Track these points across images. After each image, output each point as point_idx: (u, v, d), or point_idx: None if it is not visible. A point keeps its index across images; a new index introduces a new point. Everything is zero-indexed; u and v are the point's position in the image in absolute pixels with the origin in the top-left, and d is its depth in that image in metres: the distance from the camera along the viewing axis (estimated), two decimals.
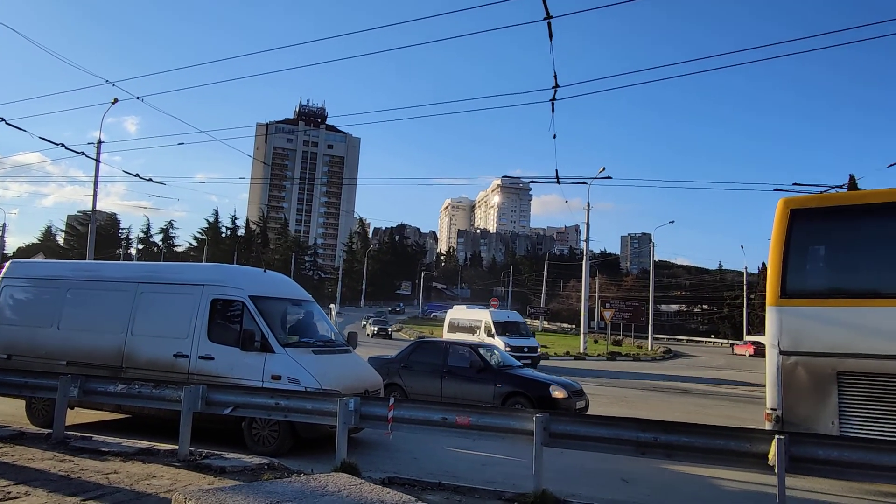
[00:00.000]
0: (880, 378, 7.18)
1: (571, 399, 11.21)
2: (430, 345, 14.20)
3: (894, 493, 6.89)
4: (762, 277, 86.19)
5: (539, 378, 12.12)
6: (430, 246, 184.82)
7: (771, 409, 7.81)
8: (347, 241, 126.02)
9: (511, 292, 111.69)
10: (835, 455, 5.04)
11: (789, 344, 7.81)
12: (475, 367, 12.02)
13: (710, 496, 6.74)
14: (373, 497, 3.28)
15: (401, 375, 12.62)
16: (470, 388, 11.76)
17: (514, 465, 7.78)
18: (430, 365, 12.60)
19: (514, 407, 10.50)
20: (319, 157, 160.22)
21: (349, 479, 3.70)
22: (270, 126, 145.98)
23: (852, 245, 8.40)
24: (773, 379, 7.82)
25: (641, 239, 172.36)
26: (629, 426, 5.72)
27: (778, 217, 8.33)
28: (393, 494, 3.44)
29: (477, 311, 32.07)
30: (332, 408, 6.71)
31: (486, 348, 13.58)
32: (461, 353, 12.64)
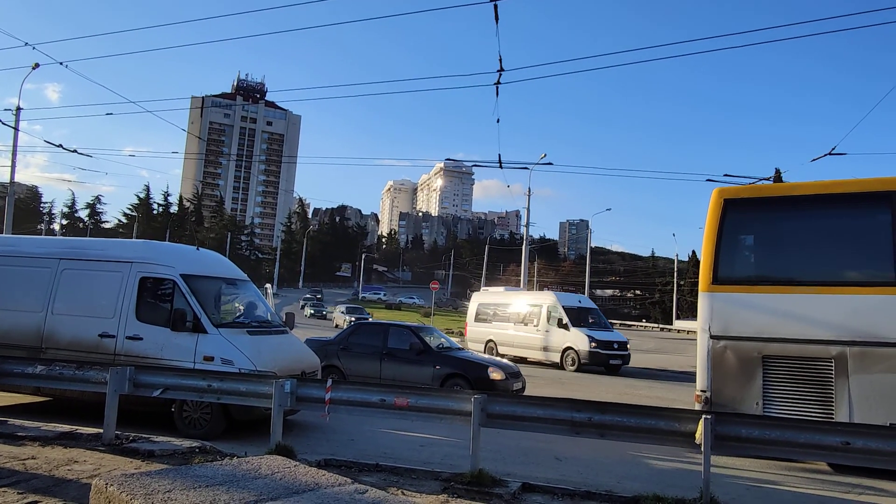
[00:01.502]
0: (800, 361, 7.56)
1: (509, 380, 11.39)
2: (369, 326, 14.10)
3: (810, 468, 7.30)
4: (692, 265, 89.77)
5: (477, 360, 12.24)
6: (371, 228, 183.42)
7: (700, 391, 8.07)
8: (286, 221, 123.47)
9: (452, 275, 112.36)
10: (756, 433, 5.29)
11: (719, 328, 8.08)
12: (415, 349, 12.01)
13: (641, 474, 6.96)
14: (307, 479, 3.21)
15: (339, 357, 12.51)
16: (409, 370, 11.77)
17: (453, 445, 7.86)
18: (369, 347, 12.52)
19: (453, 388, 10.58)
20: (258, 134, 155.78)
21: (283, 461, 3.61)
22: (206, 100, 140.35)
23: (779, 234, 8.72)
24: (703, 362, 8.08)
25: (579, 225, 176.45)
26: (564, 406, 5.84)
27: (712, 206, 8.55)
28: (328, 476, 3.38)
29: (530, 295, 25.52)
30: (268, 390, 6.57)
31: (426, 330, 13.62)
32: (401, 335, 12.61)
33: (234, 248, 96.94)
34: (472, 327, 25.21)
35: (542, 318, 21.92)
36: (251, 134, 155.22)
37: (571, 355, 20.31)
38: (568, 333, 20.69)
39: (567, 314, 21.09)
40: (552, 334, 21.28)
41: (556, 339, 20.96)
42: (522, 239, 45.69)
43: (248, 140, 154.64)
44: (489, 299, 25.84)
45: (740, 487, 6.40)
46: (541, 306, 22.26)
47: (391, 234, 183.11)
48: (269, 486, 2.93)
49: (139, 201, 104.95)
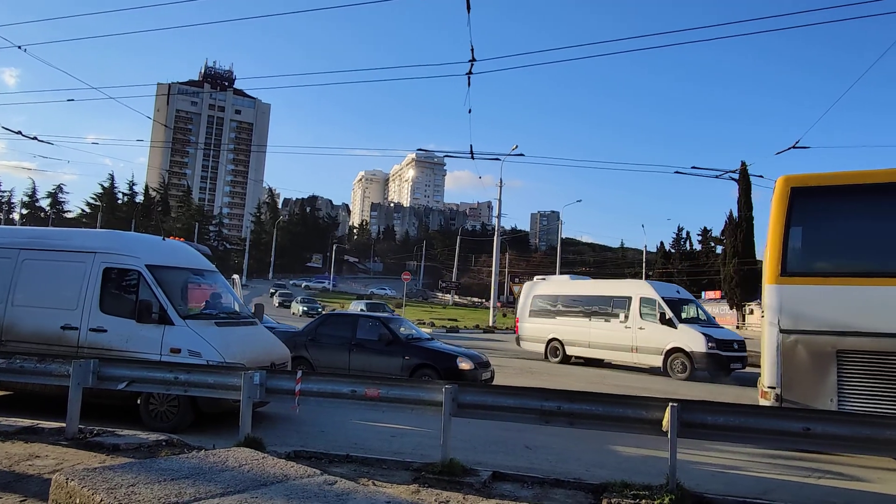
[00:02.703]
0: (879, 356, 7.31)
1: (477, 370, 11.44)
2: (338, 318, 13.98)
3: (773, 455, 7.48)
4: (660, 255, 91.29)
5: (446, 350, 12.24)
6: (342, 218, 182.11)
7: (769, 387, 7.83)
8: (255, 211, 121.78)
9: (424, 266, 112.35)
10: (721, 420, 5.40)
11: (789, 322, 7.80)
12: (384, 339, 11.97)
13: (610, 462, 7.07)
14: (275, 471, 3.18)
15: (308, 349, 12.42)
16: (378, 360, 11.73)
17: (423, 435, 7.87)
18: (338, 338, 12.45)
19: (423, 379, 10.59)
20: (226, 123, 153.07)
21: (251, 453, 3.56)
22: (173, 87, 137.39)
23: (853, 224, 8.36)
24: (773, 357, 7.82)
25: (550, 216, 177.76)
26: (534, 395, 5.89)
27: (777, 195, 8.23)
28: (297, 468, 3.35)
29: (613, 284, 21.89)
30: (236, 382, 6.48)
31: (396, 321, 13.44)
32: (370, 325, 12.55)
33: (202, 238, 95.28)
34: (528, 324, 21.69)
35: (632, 313, 18.24)
36: (219, 122, 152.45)
37: (680, 359, 16.79)
38: (674, 332, 17.08)
39: (670, 307, 17.47)
40: (649, 332, 17.64)
41: (656, 339, 17.39)
42: (494, 230, 45.88)
43: (217, 129, 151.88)
44: (550, 290, 22.00)
45: (706, 474, 6.55)
46: (629, 298, 18.54)
47: (363, 224, 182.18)
48: (236, 479, 2.89)
49: (103, 190, 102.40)
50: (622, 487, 5.24)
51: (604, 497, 5.17)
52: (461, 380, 10.68)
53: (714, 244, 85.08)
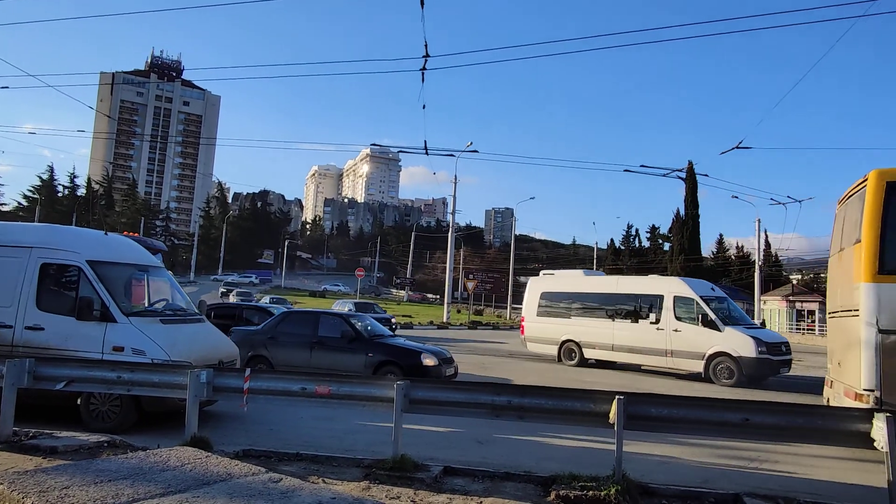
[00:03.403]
0: None
1: (441, 366, 11.36)
2: (298, 315, 13.67)
3: (715, 445, 7.74)
4: (610, 252, 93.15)
5: (410, 347, 12.10)
6: (295, 214, 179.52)
7: (866, 390, 7.41)
8: (204, 205, 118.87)
9: (378, 263, 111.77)
10: (665, 412, 5.56)
11: (889, 322, 7.50)
12: (346, 337, 11.79)
13: (560, 455, 7.18)
14: (219, 470, 3.11)
15: (267, 347, 12.15)
16: (341, 358, 11.54)
17: (376, 432, 7.84)
18: (298, 336, 12.19)
19: (387, 376, 10.48)
20: (174, 115, 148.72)
21: (195, 452, 3.48)
22: (117, 76, 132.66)
23: None
24: (871, 359, 7.47)
25: (504, 213, 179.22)
26: (485, 390, 5.93)
27: (871, 190, 7.85)
28: (241, 466, 3.29)
29: (641, 281, 19.09)
30: (182, 380, 6.32)
31: (359, 318, 13.17)
32: (332, 322, 12.34)
33: (148, 233, 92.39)
34: (535, 324, 19.91)
35: (665, 313, 16.55)
36: (166, 114, 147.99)
37: (726, 364, 15.30)
38: (718, 334, 15.53)
39: (709, 307, 15.96)
40: (687, 335, 16.04)
41: (696, 342, 15.86)
42: (449, 226, 45.98)
43: (164, 120, 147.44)
44: (561, 286, 20.14)
45: (652, 464, 6.73)
46: (661, 297, 16.81)
47: (316, 220, 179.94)
48: (178, 479, 2.81)
49: (42, 182, 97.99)
50: (570, 479, 5.34)
51: (552, 489, 5.25)
52: (425, 376, 10.68)
53: (662, 241, 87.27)
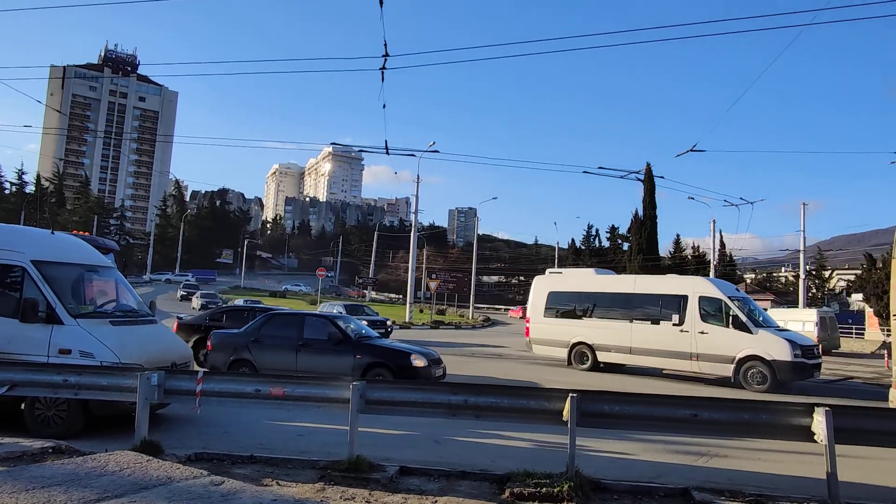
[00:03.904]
0: None
1: (431, 367, 11.17)
2: (283, 317, 13.29)
3: (666, 440, 7.91)
4: (571, 252, 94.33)
5: (400, 348, 11.89)
6: (255, 213, 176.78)
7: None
8: (161, 204, 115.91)
9: (340, 262, 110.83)
10: (617, 409, 5.68)
11: None
12: (333, 339, 11.50)
13: (516, 453, 7.24)
14: (159, 474, 3.05)
15: (250, 350, 11.78)
16: (328, 360, 11.27)
17: (334, 433, 7.77)
18: (283, 338, 11.85)
19: (376, 378, 10.29)
20: (129, 110, 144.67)
21: (136, 457, 3.40)
22: (69, 70, 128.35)
23: None
24: None
25: (468, 213, 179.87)
26: (441, 390, 5.96)
27: None
28: (183, 469, 3.23)
29: (662, 280, 18.17)
30: (132, 383, 6.18)
31: (344, 319, 12.86)
32: (318, 324, 12.05)
33: (101, 232, 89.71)
34: (542, 325, 18.88)
35: (690, 314, 15.69)
36: (121, 109, 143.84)
37: (758, 368, 14.58)
38: (749, 337, 14.81)
39: (738, 308, 15.26)
40: (715, 337, 15.23)
41: (725, 345, 15.06)
42: (412, 226, 45.91)
43: (118, 116, 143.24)
44: (571, 286, 19.18)
45: (605, 461, 6.86)
46: (685, 297, 15.93)
47: (276, 219, 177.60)
48: (115, 484, 2.74)
49: None
50: (525, 476, 5.40)
51: (507, 487, 5.30)
52: (415, 377, 10.51)
53: (621, 241, 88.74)
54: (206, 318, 16.40)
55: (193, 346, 14.79)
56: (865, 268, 46.20)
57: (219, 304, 42.24)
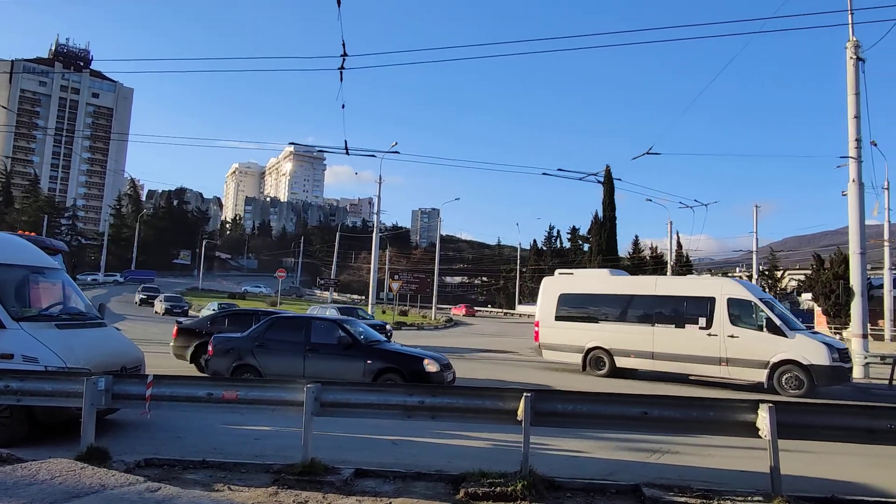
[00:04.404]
0: None
1: (443, 372, 11.01)
2: (288, 321, 12.93)
3: (619, 438, 8.06)
4: (533, 252, 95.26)
5: (411, 353, 11.68)
6: (213, 212, 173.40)
7: None
8: (115, 203, 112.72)
9: (301, 263, 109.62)
10: (570, 408, 5.76)
11: None
12: (343, 343, 11.23)
13: (472, 453, 7.28)
14: (92, 481, 2.97)
15: (255, 355, 11.42)
16: (337, 365, 10.97)
17: (292, 436, 7.65)
18: (290, 343, 11.51)
19: (386, 383, 10.05)
20: (81, 107, 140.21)
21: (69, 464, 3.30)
22: (17, 64, 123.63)
23: None
24: None
25: (431, 214, 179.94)
26: (397, 391, 5.96)
27: None
28: (119, 477, 3.15)
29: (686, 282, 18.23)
30: (78, 388, 6.00)
31: (352, 323, 12.50)
32: (326, 328, 11.78)
33: (52, 232, 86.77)
34: (553, 329, 17.99)
35: (718, 317, 15.04)
36: (73, 106, 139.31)
37: (794, 373, 14.04)
38: (784, 341, 14.25)
39: (772, 311, 14.71)
40: (746, 341, 14.63)
41: (757, 349, 14.49)
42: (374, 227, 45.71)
43: (70, 113, 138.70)
44: (585, 287, 18.43)
45: (559, 459, 6.95)
46: (712, 299, 15.29)
47: (236, 219, 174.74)
48: (44, 492, 2.65)
49: None
50: (479, 476, 5.43)
51: (462, 487, 5.33)
52: (428, 382, 10.27)
53: (582, 242, 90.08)
54: (208, 321, 15.85)
55: (194, 351, 14.57)
56: (815, 268, 47.89)
57: (184, 308, 40.99)
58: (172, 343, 15.22)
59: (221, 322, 15.48)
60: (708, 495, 5.34)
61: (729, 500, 5.24)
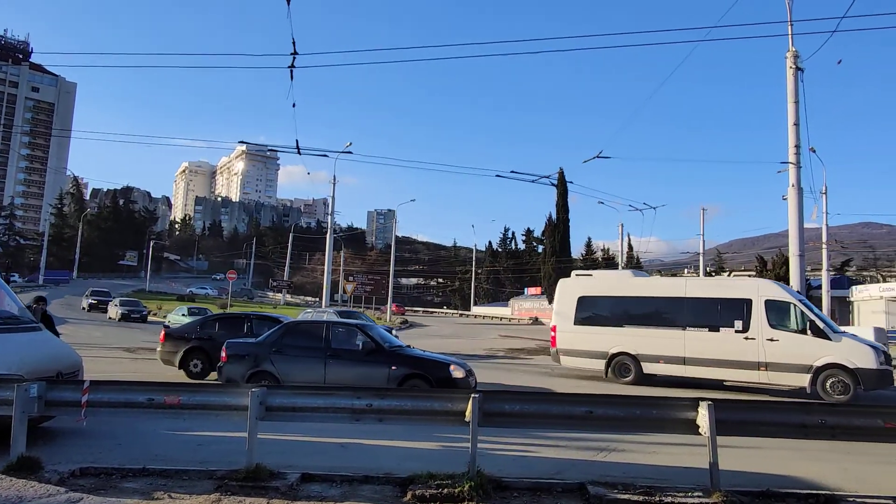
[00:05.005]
0: None
1: (468, 378, 10.87)
2: (307, 325, 12.52)
3: (567, 437, 8.17)
4: (488, 254, 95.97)
5: (436, 358, 11.48)
6: (162, 212, 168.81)
7: None
8: (57, 202, 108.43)
9: (253, 265, 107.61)
10: (518, 408, 5.81)
11: None
12: (366, 348, 10.98)
13: (422, 455, 7.27)
14: (9, 494, 2.85)
15: (273, 362, 11.05)
16: (360, 371, 10.71)
17: (239, 441, 7.49)
18: (309, 349, 11.22)
19: (413, 389, 9.85)
20: (20, 101, 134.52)
21: None
22: None
23: None
24: None
25: (387, 215, 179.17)
26: (344, 395, 5.89)
27: None
28: (37, 487, 3.04)
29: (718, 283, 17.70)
30: (8, 395, 5.74)
31: (373, 328, 12.21)
32: (347, 334, 11.52)
33: None
34: (573, 334, 17.04)
35: (755, 320, 14.41)
36: (11, 100, 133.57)
37: (839, 377, 13.46)
38: (828, 344, 13.69)
39: (812, 311, 14.23)
40: (787, 345, 14.07)
41: (800, 353, 13.93)
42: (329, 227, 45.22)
43: (8, 107, 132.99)
44: (605, 289, 17.46)
45: (507, 459, 7.00)
46: (748, 301, 14.64)
47: (185, 219, 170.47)
48: None
49: None
50: (427, 478, 5.43)
51: (409, 489, 5.31)
52: (455, 388, 10.13)
53: (536, 243, 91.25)
54: (197, 326, 15.35)
55: (183, 356, 14.17)
56: (758, 269, 49.77)
57: (143, 313, 37.80)
58: (159, 348, 14.84)
59: (212, 326, 15.08)
60: (650, 492, 5.46)
61: (670, 496, 5.37)
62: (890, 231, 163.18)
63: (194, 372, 13.96)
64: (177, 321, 26.52)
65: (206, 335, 14.42)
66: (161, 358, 14.67)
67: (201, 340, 14.29)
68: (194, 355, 14.14)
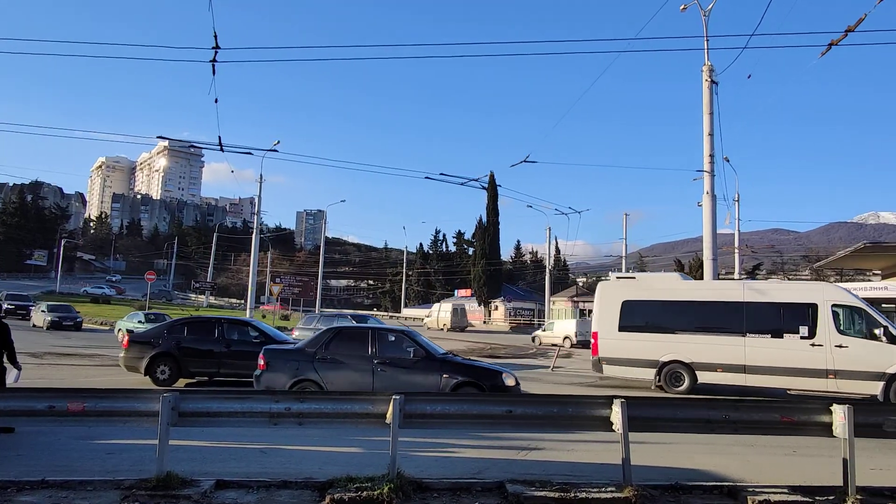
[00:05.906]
0: None
1: (518, 386, 10.64)
2: (353, 332, 12.01)
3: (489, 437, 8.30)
4: (419, 256, 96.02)
5: (488, 367, 11.28)
6: (75, 210, 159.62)
7: None
8: None
9: (175, 265, 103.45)
10: (439, 409, 5.85)
11: None
12: (417, 356, 10.63)
13: (343, 459, 7.19)
14: None
15: (317, 370, 10.55)
16: (411, 379, 10.34)
17: (151, 449, 7.18)
18: (355, 356, 10.75)
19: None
20: None
21: None
22: None
23: None
24: None
25: (316, 215, 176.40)
26: (262, 398, 5.77)
27: None
28: None
29: (777, 287, 16.46)
30: None
31: (418, 335, 11.70)
32: (395, 341, 11.11)
33: None
34: (617, 341, 15.98)
35: (822, 326, 13.79)
36: None
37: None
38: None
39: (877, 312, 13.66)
40: (857, 351, 13.52)
41: (872, 360, 13.38)
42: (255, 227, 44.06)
43: None
44: (652, 293, 16.27)
45: (429, 460, 7.02)
46: (813, 306, 14.00)
47: (102, 217, 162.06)
48: None
49: None
50: (347, 482, 5.39)
51: (328, 493, 5.25)
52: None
53: (467, 246, 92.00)
54: (164, 331, 14.51)
55: (149, 363, 13.56)
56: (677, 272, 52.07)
57: (77, 321, 34.13)
58: (123, 354, 14.12)
59: (180, 331, 14.40)
60: (566, 488, 5.61)
61: (584, 491, 5.55)
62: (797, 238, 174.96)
63: (161, 379, 13.47)
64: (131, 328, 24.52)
65: (174, 340, 13.92)
66: (125, 364, 14.04)
67: (169, 346, 13.79)
68: (161, 361, 13.64)
